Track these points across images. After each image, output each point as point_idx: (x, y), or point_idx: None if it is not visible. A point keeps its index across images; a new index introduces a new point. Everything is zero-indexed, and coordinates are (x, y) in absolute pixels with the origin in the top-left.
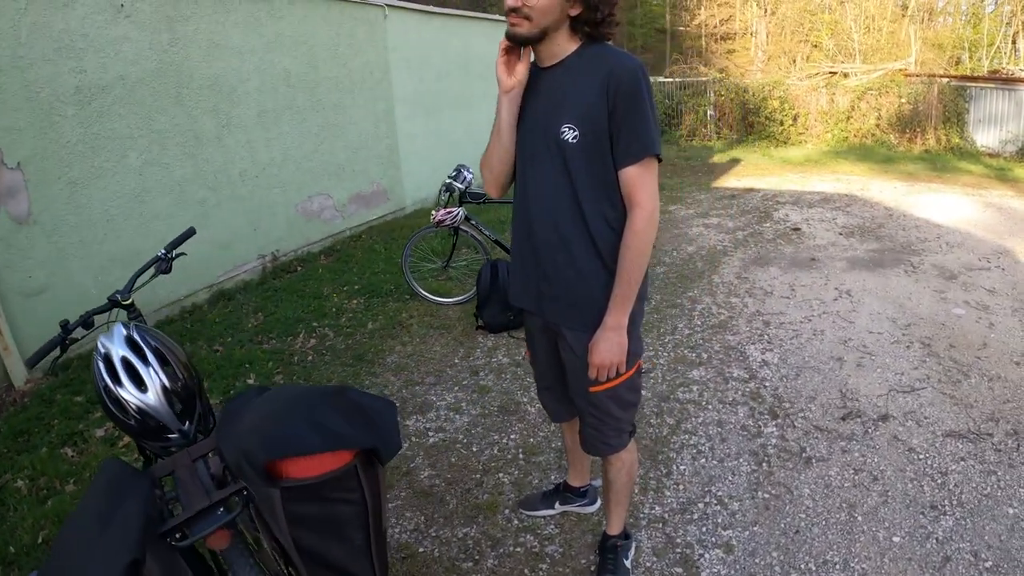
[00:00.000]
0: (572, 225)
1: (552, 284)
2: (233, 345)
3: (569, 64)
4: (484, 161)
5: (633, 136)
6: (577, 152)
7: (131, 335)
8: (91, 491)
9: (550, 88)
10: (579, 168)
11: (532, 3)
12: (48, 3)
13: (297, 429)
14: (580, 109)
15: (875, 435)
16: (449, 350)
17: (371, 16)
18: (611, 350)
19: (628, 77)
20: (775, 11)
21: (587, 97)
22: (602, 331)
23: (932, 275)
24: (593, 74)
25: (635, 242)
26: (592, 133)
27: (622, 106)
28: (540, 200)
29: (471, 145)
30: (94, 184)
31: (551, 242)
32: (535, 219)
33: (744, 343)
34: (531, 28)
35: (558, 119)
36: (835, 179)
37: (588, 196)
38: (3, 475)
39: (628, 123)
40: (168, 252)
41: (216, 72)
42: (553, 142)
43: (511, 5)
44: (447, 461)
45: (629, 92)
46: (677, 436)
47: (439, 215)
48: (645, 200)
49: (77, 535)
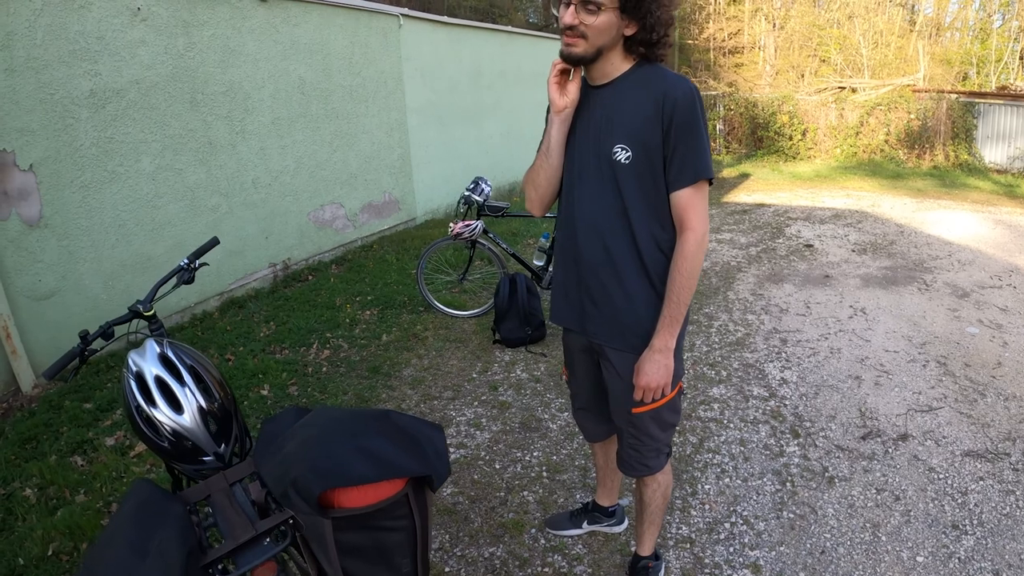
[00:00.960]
0: (621, 245)
1: (598, 304)
2: (245, 355)
3: (622, 83)
4: (530, 179)
5: (687, 159)
6: (629, 172)
7: (164, 352)
8: (121, 515)
9: (602, 107)
10: (631, 188)
11: (589, 21)
12: (64, 5)
13: (348, 457)
14: (634, 130)
15: (895, 455)
16: (466, 364)
17: (386, 25)
18: (658, 372)
19: (684, 100)
20: (784, 25)
21: (641, 118)
22: (649, 353)
23: (945, 293)
24: (647, 95)
25: (686, 265)
26: (645, 154)
27: (677, 129)
28: (589, 219)
29: (482, 156)
30: (107, 188)
31: (599, 262)
32: (582, 238)
33: (762, 361)
34: (587, 48)
35: (610, 139)
36: (845, 195)
37: (639, 217)
38: (11, 483)
39: (683, 146)
40: (191, 262)
41: (231, 78)
42: (605, 162)
43: (568, 23)
44: (470, 478)
45: (684, 115)
46: (701, 455)
47: (457, 227)
48: (696, 223)
49: (111, 564)
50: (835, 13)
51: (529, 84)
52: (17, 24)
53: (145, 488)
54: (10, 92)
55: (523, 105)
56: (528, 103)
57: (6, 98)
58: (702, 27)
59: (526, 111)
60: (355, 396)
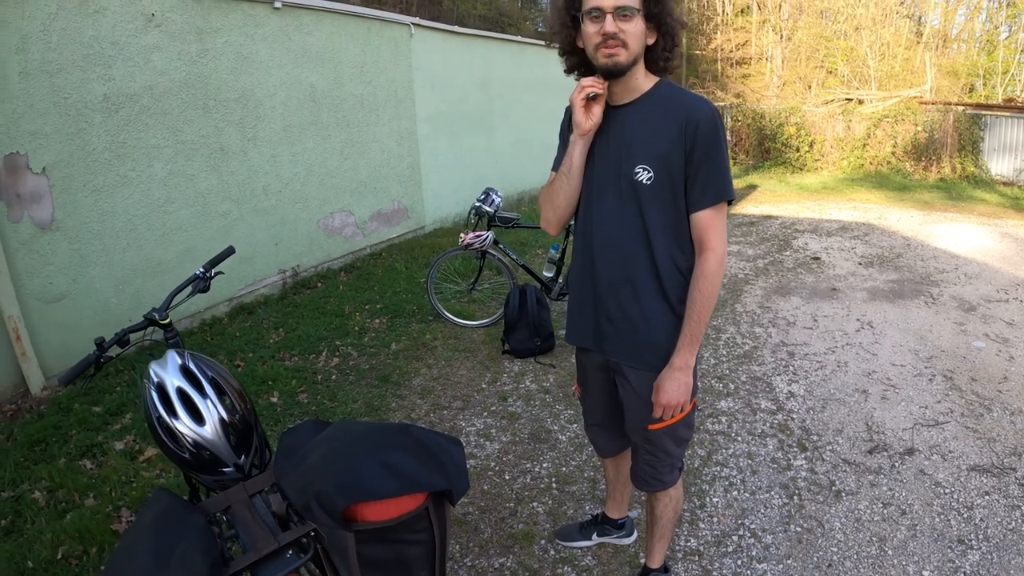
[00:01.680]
0: (640, 265)
1: (615, 323)
2: (255, 361)
3: (643, 103)
4: (548, 198)
5: (709, 181)
6: (651, 193)
7: (186, 364)
8: (140, 524)
9: (623, 127)
10: (651, 209)
11: (628, 27)
12: (79, 9)
13: (370, 471)
14: (655, 151)
15: (902, 469)
16: (475, 374)
17: (397, 34)
18: (679, 390)
19: (707, 121)
20: (791, 37)
21: (663, 139)
22: (669, 371)
23: (952, 307)
24: (669, 116)
25: (706, 284)
26: (666, 175)
27: (699, 151)
28: (607, 239)
29: (492, 166)
30: (119, 192)
31: (617, 281)
32: (600, 258)
33: (770, 374)
34: (628, 56)
35: (632, 160)
36: (852, 207)
37: (658, 237)
38: (20, 484)
39: (704, 168)
40: (207, 271)
41: (244, 85)
42: (626, 182)
43: (609, 31)
44: (479, 489)
45: (707, 137)
46: (709, 468)
47: (468, 238)
48: (717, 243)
49: (133, 574)
50: (842, 25)
51: (538, 94)
52: (32, 28)
53: (165, 498)
54: (24, 95)
55: (532, 115)
56: (538, 113)
57: (20, 101)
58: (710, 37)
59: (535, 121)
60: (365, 405)
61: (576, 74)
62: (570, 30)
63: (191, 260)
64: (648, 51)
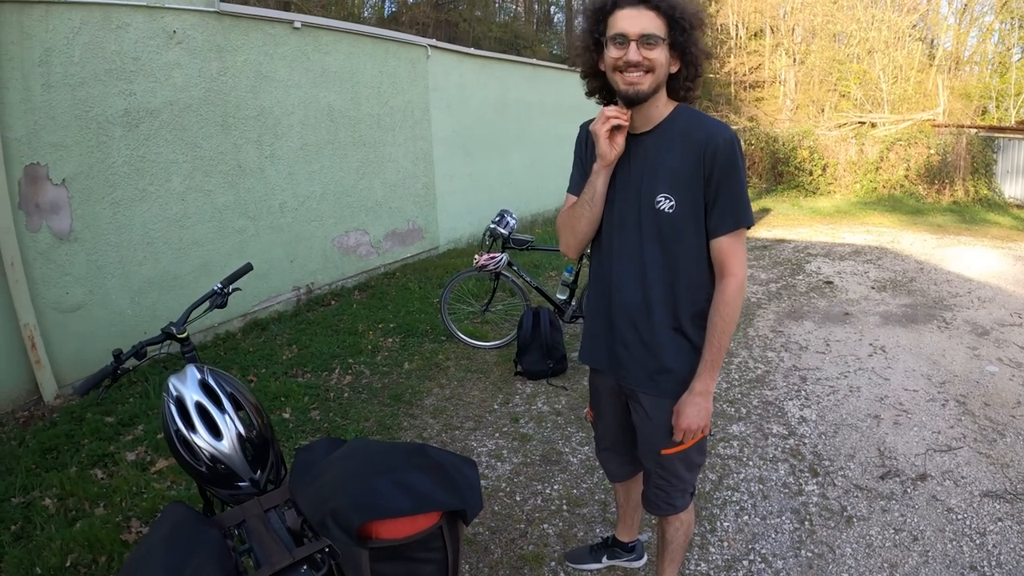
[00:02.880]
0: (658, 292)
1: (631, 349)
2: (267, 377)
3: (663, 131)
4: (569, 224)
5: (728, 208)
6: (672, 222)
7: (205, 379)
8: (154, 536)
9: (644, 155)
10: (673, 237)
11: (653, 56)
12: (102, 25)
13: (386, 490)
14: (677, 179)
15: (914, 494)
16: (487, 395)
17: (414, 56)
18: (699, 415)
19: (725, 148)
20: (804, 60)
21: (684, 167)
22: (690, 396)
23: (965, 331)
24: (689, 143)
25: (726, 310)
26: (689, 203)
27: (718, 177)
28: (627, 266)
29: (507, 187)
30: (137, 206)
31: (634, 307)
32: (618, 284)
33: (782, 399)
34: (651, 83)
35: (653, 188)
36: (865, 231)
37: (679, 265)
38: (31, 491)
39: (724, 194)
40: (224, 287)
41: (262, 103)
42: (648, 211)
43: (633, 60)
44: (490, 509)
45: (726, 163)
46: (720, 492)
47: (482, 259)
48: (737, 269)
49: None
50: (855, 48)
51: (553, 116)
52: (56, 41)
53: (180, 510)
54: (46, 107)
55: (547, 137)
56: (552, 135)
57: (42, 113)
58: (723, 61)
59: (550, 143)
60: (376, 423)
61: (597, 98)
62: (593, 53)
63: (207, 275)
64: (670, 79)
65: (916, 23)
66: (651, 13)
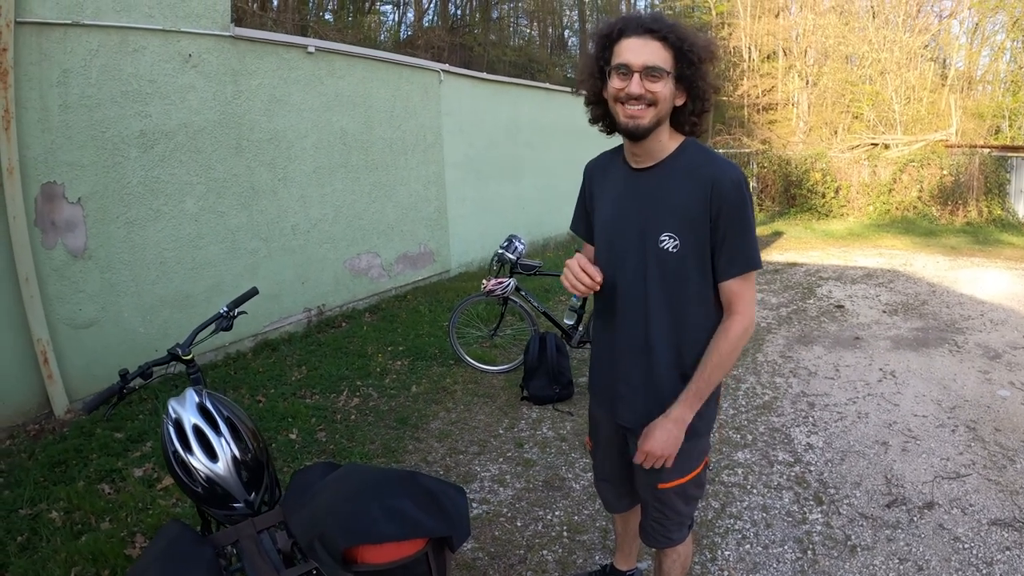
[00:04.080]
0: (661, 332)
1: (633, 388)
2: (276, 397)
3: (667, 167)
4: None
5: (737, 250)
6: (676, 261)
7: (203, 403)
8: (151, 553)
9: (647, 192)
10: (676, 277)
11: (656, 89)
12: (119, 47)
13: (374, 515)
14: (681, 218)
15: (920, 523)
16: (493, 420)
17: (427, 80)
18: (667, 442)
19: (733, 189)
20: (817, 82)
21: (689, 206)
22: (664, 420)
23: (976, 355)
24: (695, 182)
25: (727, 345)
26: (693, 243)
27: (726, 219)
28: (629, 304)
29: (518, 212)
30: (151, 226)
31: (636, 347)
32: (620, 323)
33: (789, 425)
34: (653, 117)
35: (656, 227)
36: (877, 254)
37: (683, 305)
38: (38, 503)
39: (731, 236)
40: (230, 310)
41: (276, 127)
42: (651, 250)
43: (634, 93)
44: (490, 535)
45: (734, 205)
46: (722, 520)
47: (490, 284)
48: (745, 310)
49: None
50: (867, 69)
51: (565, 140)
52: (73, 62)
53: (176, 528)
54: (63, 127)
55: (559, 161)
56: (564, 160)
57: (59, 133)
58: (736, 84)
59: (562, 167)
60: (382, 446)
61: (600, 125)
62: (597, 80)
63: (219, 295)
64: (676, 111)
65: (928, 43)
66: (658, 44)
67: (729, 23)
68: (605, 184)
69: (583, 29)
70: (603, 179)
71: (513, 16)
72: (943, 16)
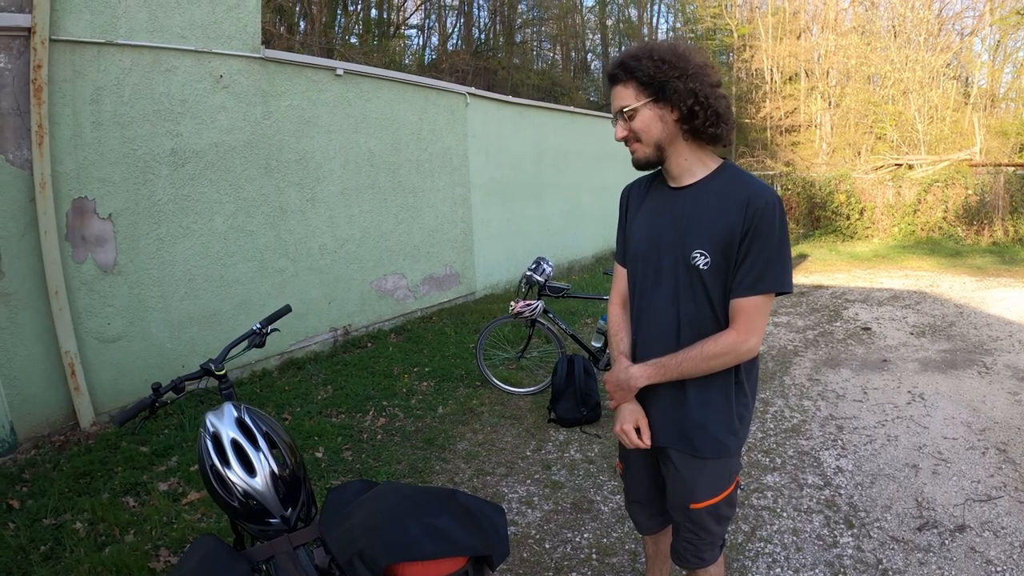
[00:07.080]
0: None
1: (663, 408)
2: (302, 415)
3: (704, 187)
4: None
5: (763, 268)
6: (708, 278)
7: (241, 417)
8: (185, 566)
9: (682, 209)
10: (708, 294)
11: (635, 126)
12: (152, 67)
13: (414, 533)
14: (715, 236)
15: (952, 546)
16: (520, 441)
17: (453, 103)
18: (619, 384)
19: (765, 209)
20: (839, 103)
21: (723, 222)
22: (628, 367)
23: (1006, 376)
24: (729, 201)
25: (710, 350)
26: (724, 260)
27: (752, 237)
28: (658, 321)
29: (543, 234)
30: (180, 243)
31: None
32: (651, 340)
33: (818, 448)
34: (645, 148)
35: (690, 243)
36: (903, 275)
37: (713, 323)
38: (62, 514)
39: (753, 255)
40: (263, 327)
41: (305, 148)
42: (683, 266)
43: (617, 137)
44: (519, 556)
45: (761, 224)
46: (752, 544)
47: (518, 306)
48: (744, 329)
49: None
50: (890, 89)
51: (590, 163)
52: (106, 80)
53: (210, 542)
54: (96, 144)
55: (584, 184)
56: (589, 182)
57: (91, 149)
58: (759, 106)
59: (586, 190)
60: (408, 466)
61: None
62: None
63: (246, 313)
64: (689, 127)
65: (950, 62)
66: (620, 86)
67: (751, 45)
68: (642, 203)
69: (605, 53)
70: (640, 199)
71: (536, 40)
72: (965, 34)
